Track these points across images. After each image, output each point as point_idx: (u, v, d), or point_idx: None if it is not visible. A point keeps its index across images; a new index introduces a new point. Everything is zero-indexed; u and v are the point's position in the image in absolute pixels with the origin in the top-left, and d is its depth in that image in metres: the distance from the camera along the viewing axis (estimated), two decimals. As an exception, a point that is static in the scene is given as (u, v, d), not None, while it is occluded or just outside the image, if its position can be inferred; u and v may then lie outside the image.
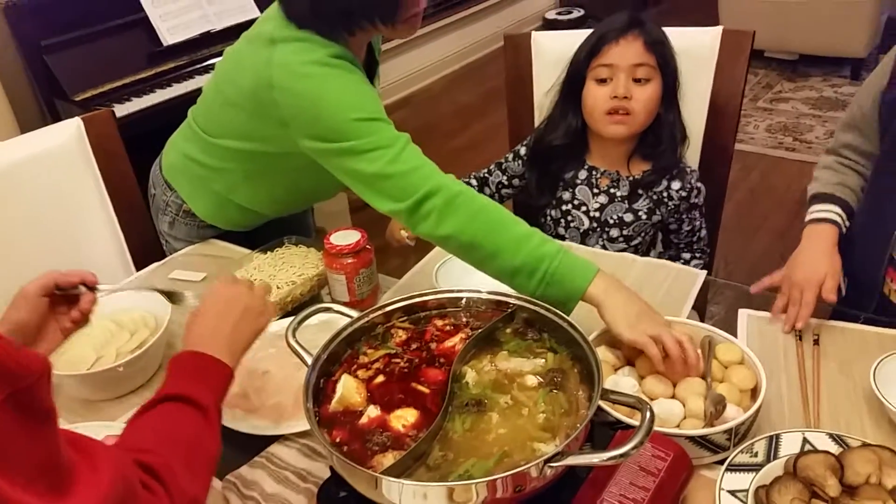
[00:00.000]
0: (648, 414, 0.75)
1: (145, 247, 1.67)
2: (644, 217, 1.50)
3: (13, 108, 2.76)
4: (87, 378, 1.15)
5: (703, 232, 1.56)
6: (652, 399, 0.99)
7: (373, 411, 0.83)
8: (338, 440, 0.81)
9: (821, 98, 4.16)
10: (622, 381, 1.00)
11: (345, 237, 1.28)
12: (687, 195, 1.49)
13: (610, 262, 1.39)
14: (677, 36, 1.47)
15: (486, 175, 1.64)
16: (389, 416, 0.83)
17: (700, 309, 1.33)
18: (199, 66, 2.71)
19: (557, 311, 0.93)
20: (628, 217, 1.50)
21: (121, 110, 2.45)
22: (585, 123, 1.49)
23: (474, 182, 1.64)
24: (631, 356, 1.07)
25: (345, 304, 1.29)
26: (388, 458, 0.77)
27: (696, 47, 1.56)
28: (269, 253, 1.45)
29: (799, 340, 1.15)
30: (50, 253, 1.52)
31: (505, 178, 1.63)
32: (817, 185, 1.35)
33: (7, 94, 2.74)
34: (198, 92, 1.49)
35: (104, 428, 1.08)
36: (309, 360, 0.88)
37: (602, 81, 1.43)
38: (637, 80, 1.41)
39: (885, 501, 0.79)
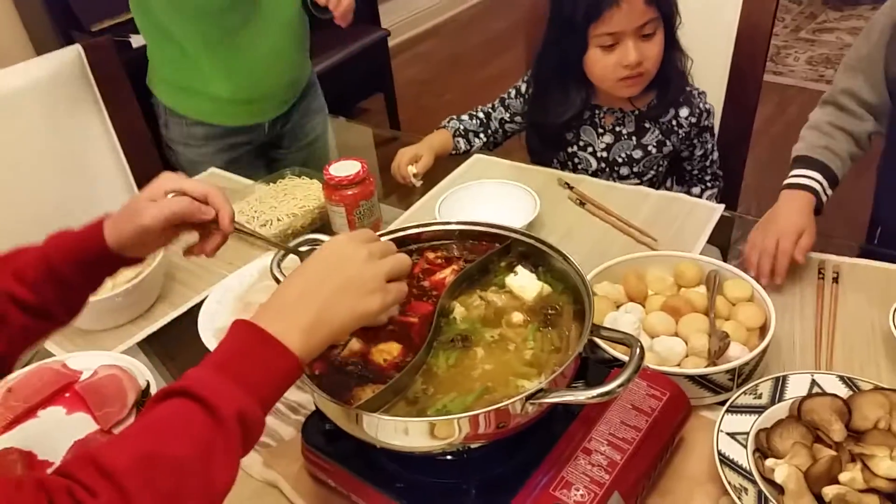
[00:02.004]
0: (638, 351, 0.70)
1: (151, 179, 1.65)
2: (654, 150, 1.43)
3: (31, 39, 2.75)
4: (86, 306, 1.14)
5: (716, 154, 1.50)
6: (653, 336, 0.95)
7: (354, 344, 0.80)
8: (316, 372, 0.79)
9: (869, 28, 3.92)
10: (622, 317, 0.96)
11: (344, 168, 1.24)
12: (697, 120, 1.42)
13: (622, 197, 1.33)
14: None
15: (490, 110, 1.58)
16: (372, 349, 0.80)
17: (724, 247, 1.26)
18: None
19: (554, 246, 0.89)
20: (637, 153, 1.44)
21: (137, 41, 2.41)
22: (589, 81, 1.40)
23: (481, 115, 1.58)
24: (633, 292, 1.02)
25: (344, 236, 1.26)
26: (367, 392, 0.75)
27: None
28: (270, 184, 1.42)
29: (820, 278, 1.09)
30: (53, 185, 1.51)
31: (507, 114, 1.56)
32: (802, 145, 1.22)
33: (25, 25, 2.72)
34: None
35: (97, 357, 1.08)
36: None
37: (608, 48, 1.31)
38: (644, 37, 1.31)
39: (892, 448, 0.74)
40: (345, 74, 2.97)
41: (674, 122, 1.41)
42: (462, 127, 1.56)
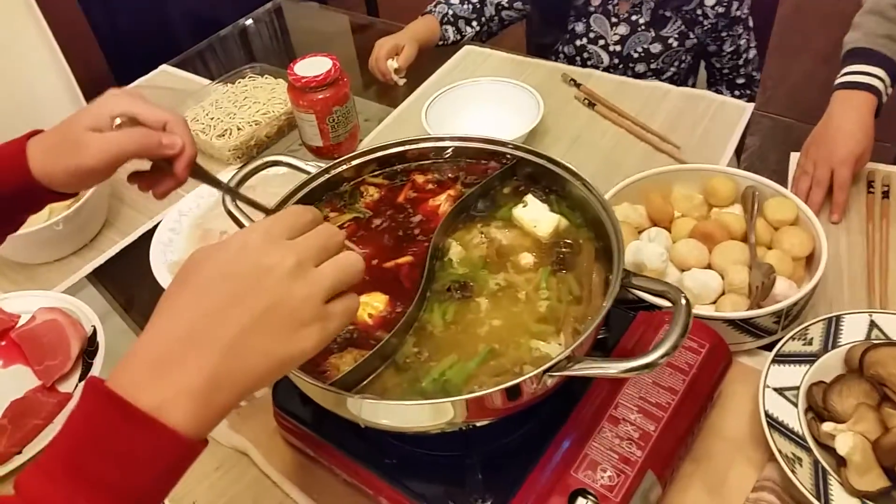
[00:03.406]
0: (684, 309, 0.56)
1: (95, 79, 1.44)
2: (675, 44, 1.24)
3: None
4: (21, 238, 0.98)
5: (753, 53, 1.29)
6: (683, 270, 0.81)
7: (330, 297, 0.66)
8: (286, 333, 0.64)
9: None
10: (647, 248, 0.81)
11: (313, 66, 1.04)
12: (726, 9, 1.21)
13: (637, 95, 1.16)
14: None
15: (473, 2, 1.36)
16: (352, 302, 0.66)
17: (738, 151, 1.10)
18: None
19: (567, 164, 0.72)
20: (656, 47, 1.24)
21: None
22: None
23: (463, 10, 1.35)
24: (657, 215, 0.87)
25: (317, 149, 1.09)
26: (348, 360, 0.61)
27: None
28: (229, 85, 1.22)
29: (870, 193, 0.94)
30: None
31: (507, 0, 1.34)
32: (857, 34, 1.01)
33: None
34: None
35: (37, 297, 0.93)
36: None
37: None
38: None
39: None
40: (315, -50, 2.66)
41: (698, 12, 1.21)
42: (451, 12, 1.35)
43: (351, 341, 0.63)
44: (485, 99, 1.13)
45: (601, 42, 1.27)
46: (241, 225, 0.71)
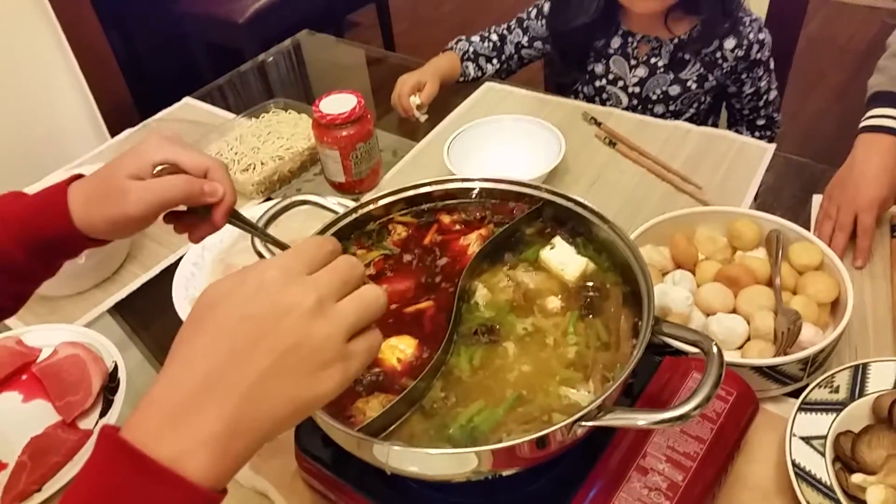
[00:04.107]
0: (716, 360, 0.56)
1: (118, 108, 1.46)
2: (694, 87, 1.25)
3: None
4: (44, 270, 0.98)
5: (774, 94, 1.30)
6: (709, 314, 0.81)
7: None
8: (313, 375, 0.64)
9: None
10: (672, 291, 0.81)
11: (338, 103, 1.05)
12: (746, 53, 1.22)
13: (658, 134, 1.16)
14: None
15: (506, 32, 1.38)
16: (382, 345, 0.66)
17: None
18: None
19: (594, 207, 0.73)
20: (674, 90, 1.26)
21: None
22: None
23: (494, 37, 1.38)
24: (681, 257, 0.87)
25: (339, 184, 1.10)
26: (375, 405, 0.61)
27: None
28: (253, 119, 1.24)
29: (893, 236, 0.94)
30: (10, 119, 1.33)
31: (526, 38, 1.37)
32: (881, 78, 1.00)
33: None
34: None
35: (59, 331, 0.94)
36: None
37: None
38: None
39: None
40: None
41: (717, 55, 1.23)
42: (472, 49, 1.37)
43: (377, 385, 0.63)
44: (506, 136, 1.14)
45: (620, 83, 1.29)
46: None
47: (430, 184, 0.79)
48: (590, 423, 0.55)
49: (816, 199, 1.00)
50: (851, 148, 0.96)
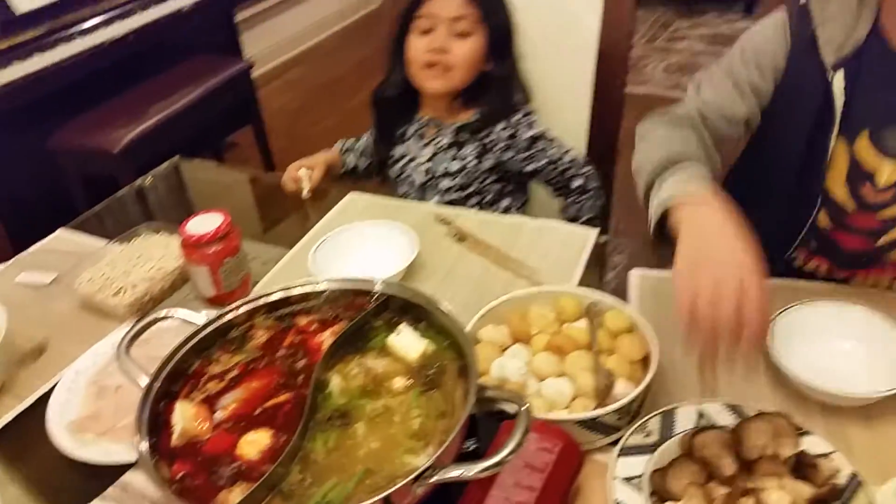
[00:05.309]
0: (524, 414, 0.67)
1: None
2: (472, 163, 1.47)
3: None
4: None
5: (571, 155, 1.49)
6: (541, 379, 0.92)
7: (219, 437, 0.72)
8: (180, 475, 0.70)
9: (716, 34, 4.20)
10: (509, 363, 0.93)
11: (203, 223, 1.14)
12: (514, 131, 1.45)
13: (498, 229, 1.32)
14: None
15: (362, 141, 1.63)
16: (240, 440, 0.73)
17: (601, 271, 1.26)
18: (62, 34, 2.47)
19: (428, 296, 0.84)
20: (455, 165, 1.48)
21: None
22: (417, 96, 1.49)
23: (360, 145, 1.63)
24: (517, 333, 0.99)
25: (211, 299, 1.17)
26: (236, 494, 0.67)
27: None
28: (124, 244, 1.30)
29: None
30: None
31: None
32: (650, 148, 0.99)
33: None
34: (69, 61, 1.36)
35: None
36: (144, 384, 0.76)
37: (424, 33, 1.40)
38: (459, 34, 1.38)
39: (780, 476, 0.75)
40: (207, 110, 2.82)
41: (490, 137, 1.47)
42: (349, 143, 1.62)
43: (240, 475, 0.70)
44: (366, 241, 1.26)
45: (414, 162, 1.53)
46: (132, 379, 0.78)
47: (284, 289, 0.88)
48: (426, 482, 0.64)
49: (633, 274, 1.16)
50: None
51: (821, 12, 1.01)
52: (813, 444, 0.80)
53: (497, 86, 1.46)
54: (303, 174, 1.47)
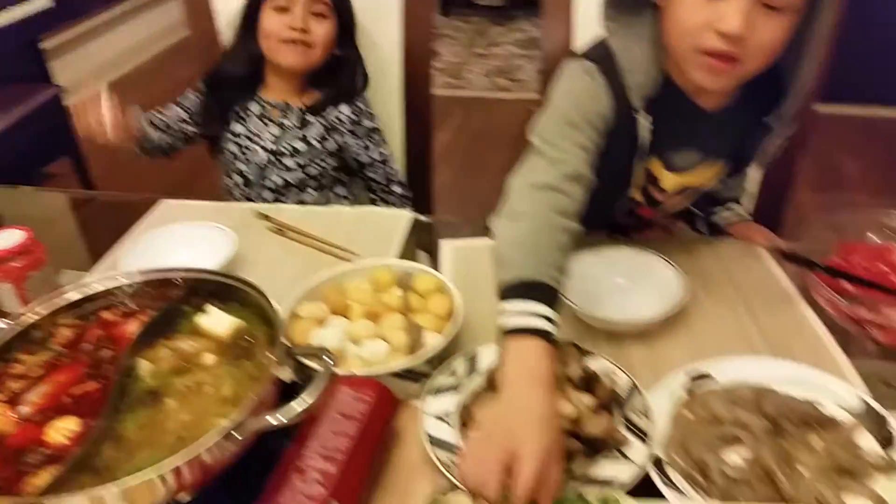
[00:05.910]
0: (324, 362, 0.72)
1: None
2: (317, 144, 1.53)
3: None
4: None
5: (397, 168, 1.63)
6: (358, 343, 0.98)
7: (24, 430, 0.72)
8: (-20, 472, 0.69)
9: (529, 38, 4.49)
10: (327, 333, 0.98)
11: (3, 240, 1.10)
12: (358, 119, 1.54)
13: (319, 219, 1.36)
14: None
15: (166, 116, 1.60)
16: (47, 428, 0.72)
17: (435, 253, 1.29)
18: None
19: (239, 276, 0.87)
20: (300, 145, 1.53)
21: None
22: (263, 54, 1.50)
23: (166, 120, 1.59)
24: (335, 307, 1.04)
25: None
26: (43, 477, 0.67)
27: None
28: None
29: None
30: None
31: (186, 114, 1.60)
32: (509, 249, 0.89)
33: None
34: None
35: None
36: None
37: (281, 10, 1.45)
38: (315, 14, 1.46)
39: (565, 392, 0.85)
40: (17, 140, 2.65)
41: (335, 118, 1.54)
42: (151, 116, 1.59)
43: (51, 459, 0.69)
44: (181, 243, 1.25)
45: (258, 141, 1.54)
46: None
47: (82, 287, 0.88)
48: (235, 435, 0.67)
49: (445, 244, 1.25)
50: None
51: (627, 62, 1.04)
52: (599, 365, 0.92)
53: (345, 68, 1.54)
54: (106, 118, 1.41)
